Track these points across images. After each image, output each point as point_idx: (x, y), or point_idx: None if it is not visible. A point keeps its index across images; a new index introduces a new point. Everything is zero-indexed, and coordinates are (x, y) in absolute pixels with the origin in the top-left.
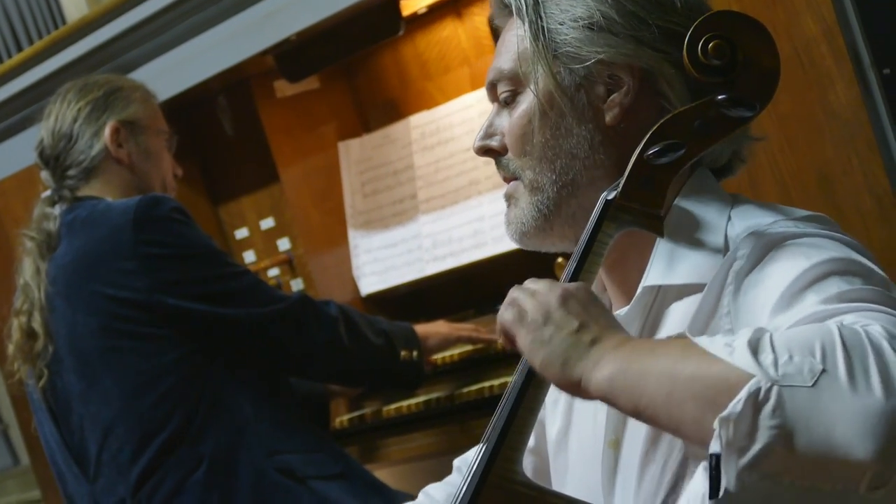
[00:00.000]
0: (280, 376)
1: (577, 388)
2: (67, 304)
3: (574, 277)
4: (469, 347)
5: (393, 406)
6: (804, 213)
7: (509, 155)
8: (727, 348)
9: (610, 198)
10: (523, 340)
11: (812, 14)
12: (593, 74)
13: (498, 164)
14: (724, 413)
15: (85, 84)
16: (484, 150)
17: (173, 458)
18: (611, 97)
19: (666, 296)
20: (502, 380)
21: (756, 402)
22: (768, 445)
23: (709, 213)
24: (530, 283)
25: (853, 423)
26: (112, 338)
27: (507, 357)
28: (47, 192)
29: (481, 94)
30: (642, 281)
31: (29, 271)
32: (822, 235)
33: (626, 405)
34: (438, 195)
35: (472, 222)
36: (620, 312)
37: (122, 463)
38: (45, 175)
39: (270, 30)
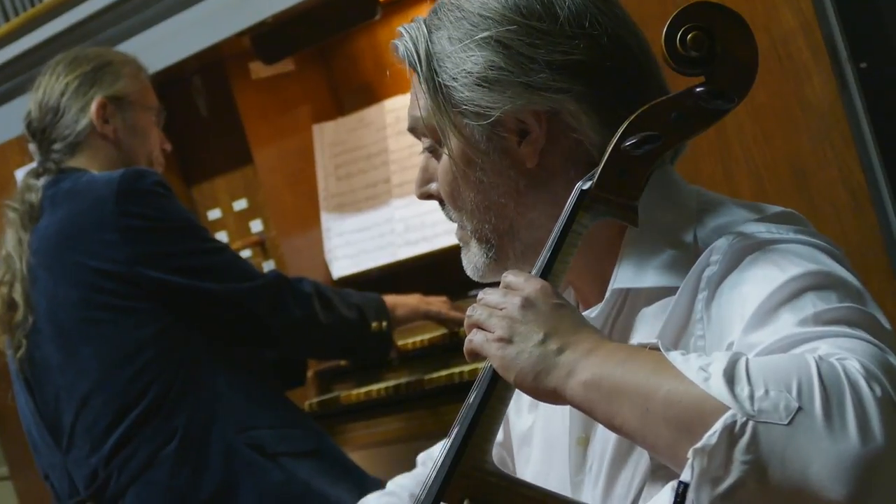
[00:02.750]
0: (257, 351)
1: (554, 397)
2: (49, 275)
3: (548, 268)
4: (439, 332)
5: (363, 390)
6: (774, 209)
7: (447, 205)
8: (702, 373)
9: (585, 188)
10: (494, 362)
11: (790, 7)
12: (499, 125)
13: (443, 208)
14: (699, 444)
15: (75, 57)
16: (425, 196)
17: (147, 431)
18: (522, 143)
19: (637, 297)
20: (473, 366)
21: (731, 436)
22: (741, 479)
23: (676, 211)
24: (490, 296)
25: (827, 465)
26: (92, 309)
27: None
28: (33, 164)
29: None
30: (611, 283)
31: (11, 242)
32: (796, 241)
33: (601, 417)
34: (412, 180)
35: None
36: (590, 314)
37: (96, 434)
38: (32, 147)
39: (247, 11)
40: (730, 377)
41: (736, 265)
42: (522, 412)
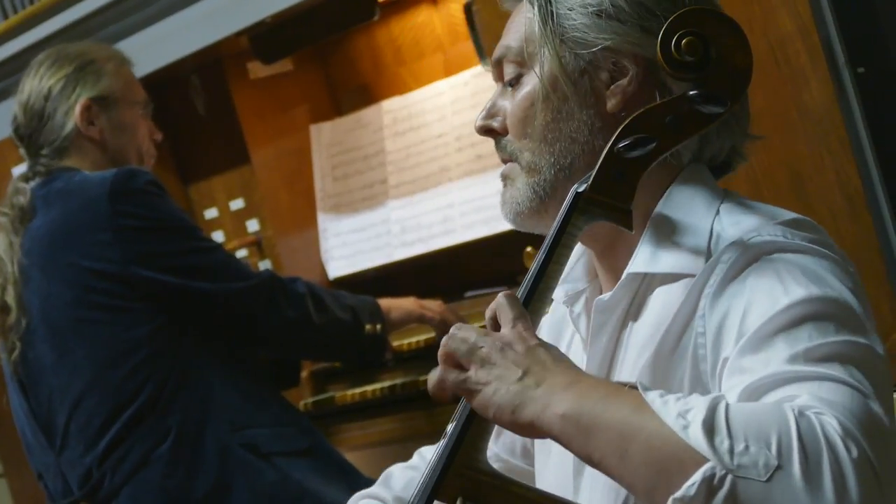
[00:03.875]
0: (250, 351)
1: (531, 430)
2: (42, 275)
3: (543, 268)
4: (434, 333)
5: (358, 391)
6: (792, 216)
7: (509, 136)
8: (680, 420)
9: (580, 190)
10: (472, 401)
11: (788, 11)
12: (598, 61)
13: (497, 144)
14: (679, 493)
15: (57, 58)
16: (485, 130)
17: (141, 430)
18: (614, 84)
19: (651, 283)
20: None
21: (710, 488)
22: None
23: (698, 206)
24: (465, 334)
25: None
26: (86, 309)
27: None
28: (23, 169)
29: (454, 80)
30: (627, 267)
31: (2, 245)
32: (806, 251)
33: (577, 451)
34: (409, 181)
35: (442, 209)
36: (604, 297)
37: (89, 435)
38: (22, 151)
39: (246, 11)
40: (709, 427)
41: (744, 268)
42: None
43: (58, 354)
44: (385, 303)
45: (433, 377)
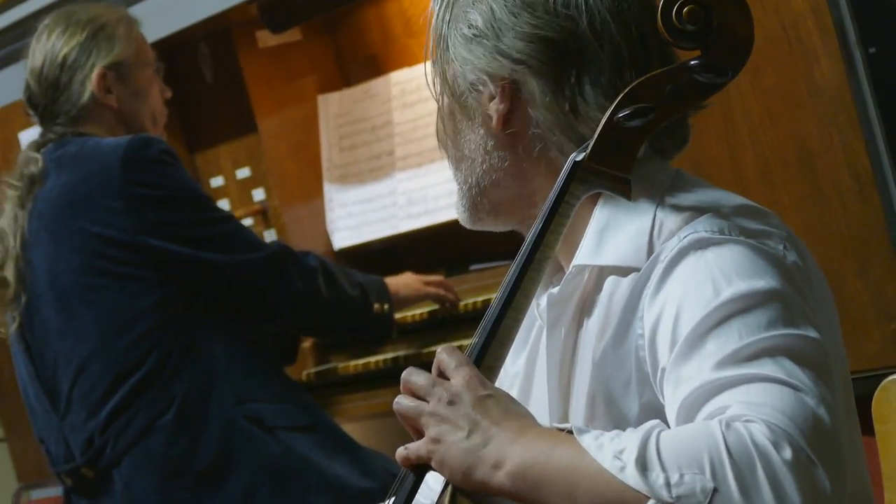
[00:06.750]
0: (257, 325)
1: (484, 490)
2: (51, 239)
3: (540, 238)
4: (437, 306)
5: (360, 361)
6: (737, 202)
7: None
8: (617, 462)
9: (578, 159)
10: (431, 463)
11: None
12: (477, 84)
13: None
14: None
15: (68, 23)
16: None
17: (144, 399)
18: (491, 105)
19: (601, 275)
20: (469, 339)
21: None
22: None
23: (644, 190)
24: (417, 378)
25: None
26: (93, 275)
27: (474, 317)
28: (29, 133)
29: None
30: (574, 259)
31: (7, 218)
32: (740, 244)
33: None
34: (416, 153)
35: (448, 181)
36: (554, 291)
37: (93, 401)
38: (34, 119)
39: None
40: (643, 465)
41: (676, 265)
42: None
43: (64, 319)
44: (391, 281)
45: (400, 451)
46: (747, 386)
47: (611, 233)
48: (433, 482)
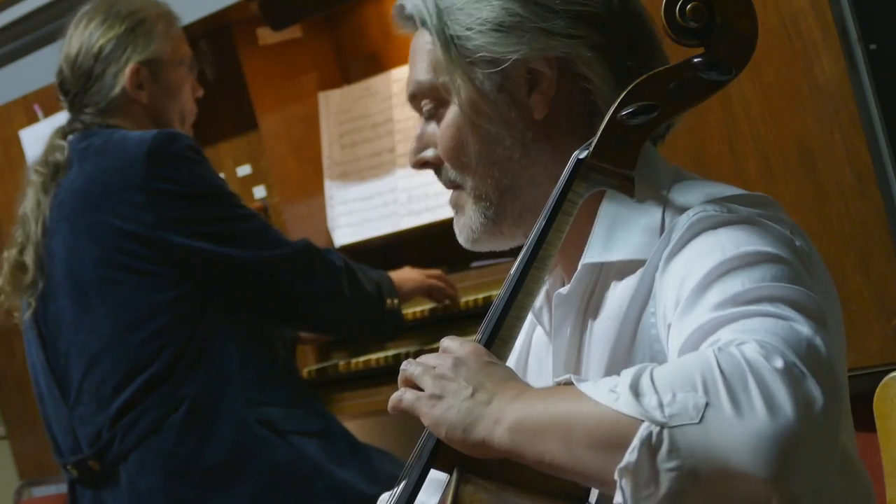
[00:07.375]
0: (273, 328)
1: (483, 449)
2: (71, 230)
3: (543, 236)
4: (437, 304)
5: (362, 359)
6: (744, 192)
7: (446, 165)
8: (612, 394)
9: (581, 157)
10: (426, 419)
11: None
12: (512, 74)
13: (438, 174)
14: (622, 463)
15: (108, 14)
16: (421, 164)
17: (154, 396)
18: (534, 92)
19: (608, 273)
20: (471, 337)
21: (650, 448)
22: (672, 488)
23: (649, 187)
24: (422, 359)
25: (745, 450)
26: (111, 269)
27: (475, 314)
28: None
29: None
30: (582, 258)
31: (30, 204)
32: (751, 222)
33: (531, 459)
34: None
35: None
36: (562, 290)
37: (103, 394)
38: (64, 104)
39: None
40: (636, 391)
41: (687, 242)
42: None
43: (79, 311)
44: (395, 276)
45: (392, 398)
46: (741, 321)
47: (619, 229)
48: (426, 497)
